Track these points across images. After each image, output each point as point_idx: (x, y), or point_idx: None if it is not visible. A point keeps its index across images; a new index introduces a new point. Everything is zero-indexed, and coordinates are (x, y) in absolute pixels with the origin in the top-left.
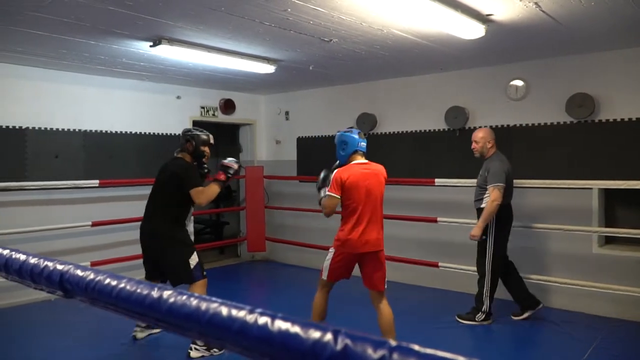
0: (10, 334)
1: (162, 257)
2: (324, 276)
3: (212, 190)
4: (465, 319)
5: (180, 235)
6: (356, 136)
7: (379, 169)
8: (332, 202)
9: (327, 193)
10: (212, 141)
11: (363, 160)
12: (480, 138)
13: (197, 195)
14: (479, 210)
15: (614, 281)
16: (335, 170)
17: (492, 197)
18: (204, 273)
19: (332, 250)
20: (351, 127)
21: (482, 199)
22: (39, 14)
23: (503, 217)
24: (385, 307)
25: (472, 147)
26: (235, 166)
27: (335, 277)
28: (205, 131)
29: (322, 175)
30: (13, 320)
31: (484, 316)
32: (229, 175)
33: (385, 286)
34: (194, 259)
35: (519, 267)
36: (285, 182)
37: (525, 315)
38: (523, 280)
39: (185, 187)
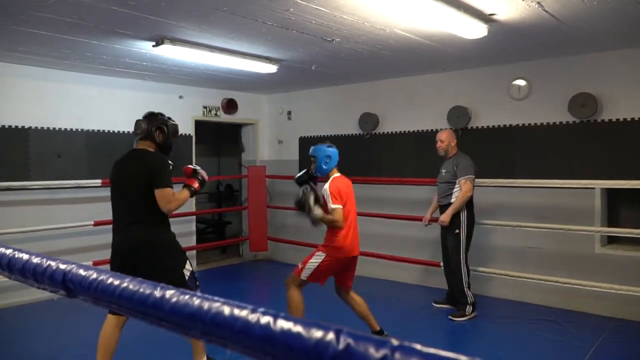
0: (15, 333)
1: (154, 270)
2: (304, 276)
3: (184, 197)
4: (458, 316)
5: (173, 240)
6: (336, 151)
7: (350, 182)
8: (341, 212)
9: (334, 206)
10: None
11: (339, 173)
12: (446, 137)
13: (168, 199)
14: (447, 206)
15: (617, 281)
16: (329, 184)
17: (464, 189)
18: (197, 283)
19: (320, 254)
20: (331, 144)
21: (451, 194)
22: (41, 14)
23: (472, 211)
24: (356, 295)
25: (438, 145)
26: (206, 177)
27: (317, 279)
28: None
29: (307, 195)
30: (17, 319)
31: (472, 308)
32: (201, 185)
33: None
34: (187, 268)
35: (521, 265)
36: (287, 181)
37: (446, 306)
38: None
39: (155, 185)
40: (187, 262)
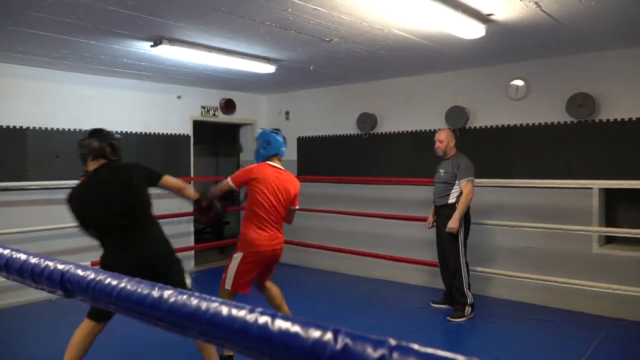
0: (13, 333)
1: (164, 279)
2: (228, 285)
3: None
4: (456, 317)
5: (172, 247)
6: (280, 139)
7: (291, 179)
8: (226, 187)
9: (227, 180)
10: None
11: (278, 165)
12: (445, 137)
13: (177, 180)
14: (445, 207)
15: (614, 281)
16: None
17: (466, 191)
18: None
19: (237, 255)
20: (277, 130)
21: (448, 195)
22: (40, 14)
23: (469, 213)
24: (272, 286)
25: (437, 146)
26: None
27: (240, 285)
28: None
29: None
30: (15, 319)
31: (470, 309)
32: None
33: None
34: (187, 278)
35: (519, 265)
36: None
37: (444, 306)
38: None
39: (156, 178)
40: (185, 272)
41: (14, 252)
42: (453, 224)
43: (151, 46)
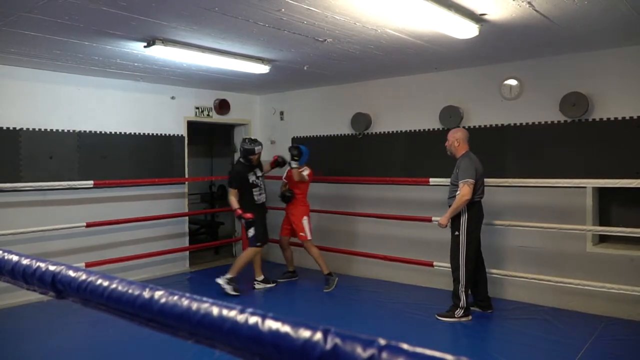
0: (4, 335)
1: None
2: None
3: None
4: (445, 316)
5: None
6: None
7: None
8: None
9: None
10: None
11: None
12: (450, 136)
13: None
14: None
15: (608, 279)
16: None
17: (461, 192)
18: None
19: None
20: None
21: (454, 196)
22: (32, 15)
23: (474, 213)
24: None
25: (445, 144)
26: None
27: None
28: None
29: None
30: (7, 321)
31: (462, 312)
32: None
33: None
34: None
35: (513, 264)
36: (279, 182)
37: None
38: (487, 281)
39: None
40: None
41: (5, 254)
42: (442, 220)
43: (144, 47)
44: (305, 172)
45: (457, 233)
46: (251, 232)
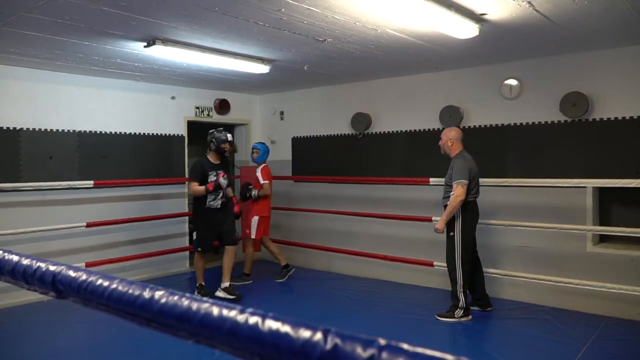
0: (4, 335)
1: None
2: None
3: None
4: (445, 316)
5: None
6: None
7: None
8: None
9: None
10: None
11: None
12: (443, 136)
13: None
14: (446, 207)
15: (608, 279)
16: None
17: (455, 193)
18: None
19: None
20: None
21: (448, 196)
22: (32, 15)
23: (469, 213)
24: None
25: (439, 143)
26: (222, 184)
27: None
28: None
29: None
30: (7, 321)
31: (462, 312)
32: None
33: None
34: None
35: (513, 264)
36: (279, 182)
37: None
38: (484, 279)
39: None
40: None
41: (5, 254)
42: (439, 225)
43: (145, 47)
44: (259, 169)
45: (452, 234)
46: (194, 235)
